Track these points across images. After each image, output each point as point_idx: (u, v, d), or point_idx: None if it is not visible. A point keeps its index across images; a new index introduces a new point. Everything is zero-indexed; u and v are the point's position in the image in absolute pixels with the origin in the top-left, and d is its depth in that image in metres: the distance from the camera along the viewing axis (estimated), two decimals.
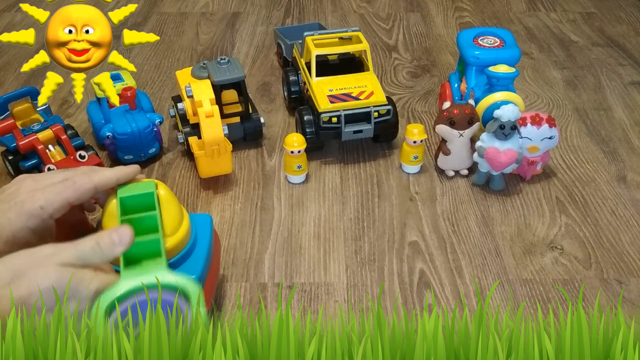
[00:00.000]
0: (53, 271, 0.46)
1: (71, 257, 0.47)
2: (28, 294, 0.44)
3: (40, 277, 0.45)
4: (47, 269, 0.46)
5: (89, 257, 0.47)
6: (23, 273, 0.45)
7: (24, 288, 0.44)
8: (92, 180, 0.52)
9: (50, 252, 0.47)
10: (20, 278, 0.45)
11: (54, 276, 0.45)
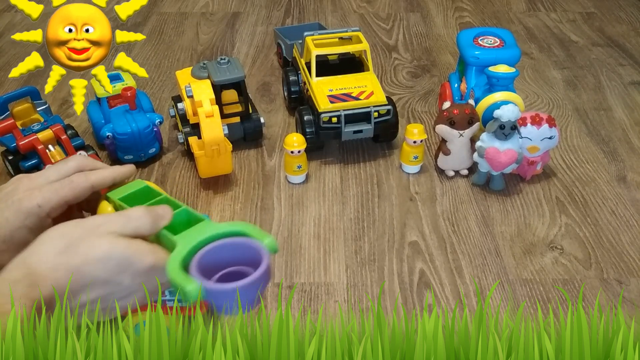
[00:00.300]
0: (107, 241, 0.45)
1: (122, 226, 0.47)
2: (82, 263, 0.44)
3: (94, 246, 0.45)
4: (100, 239, 0.45)
5: (139, 227, 0.47)
6: (76, 242, 0.45)
7: (78, 257, 0.44)
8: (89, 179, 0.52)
9: (101, 221, 0.47)
10: (74, 247, 0.45)
11: (107, 246, 0.45)
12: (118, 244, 0.45)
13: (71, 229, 0.46)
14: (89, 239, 0.45)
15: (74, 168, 0.53)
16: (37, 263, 0.44)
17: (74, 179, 0.52)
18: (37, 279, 0.43)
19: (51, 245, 0.45)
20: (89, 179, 0.52)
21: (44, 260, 0.44)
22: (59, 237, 0.45)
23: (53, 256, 0.44)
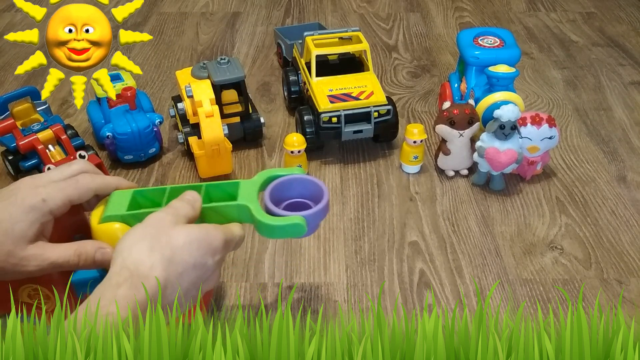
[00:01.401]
0: (181, 229, 0.48)
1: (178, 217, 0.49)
2: (171, 253, 0.46)
3: (174, 236, 0.47)
4: (174, 229, 0.48)
5: (187, 214, 0.50)
6: (157, 238, 0.47)
7: (166, 250, 0.46)
8: (95, 181, 0.53)
9: (161, 217, 0.49)
10: (157, 242, 0.47)
11: (184, 232, 0.48)
12: (191, 229, 0.48)
13: (144, 230, 0.48)
14: (165, 232, 0.47)
15: (77, 171, 0.54)
16: (136, 264, 0.45)
17: (79, 179, 0.52)
18: (139, 279, 0.44)
19: (140, 247, 0.47)
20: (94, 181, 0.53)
21: (141, 260, 0.46)
22: (141, 239, 0.47)
23: (147, 255, 0.46)
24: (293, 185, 0.55)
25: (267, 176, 0.55)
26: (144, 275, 0.45)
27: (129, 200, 0.53)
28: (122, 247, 0.47)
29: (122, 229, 0.51)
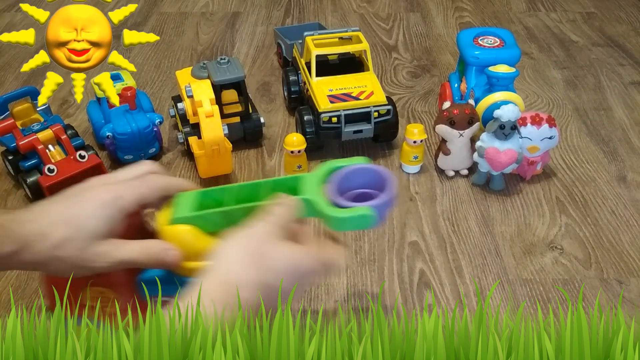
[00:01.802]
0: (281, 251, 0.47)
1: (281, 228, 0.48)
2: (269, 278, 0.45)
3: (273, 258, 0.47)
4: (274, 249, 0.47)
5: (288, 220, 0.50)
6: (257, 255, 0.46)
7: (262, 272, 0.46)
8: (163, 180, 0.53)
9: (266, 229, 0.48)
10: (257, 260, 0.46)
11: (282, 255, 0.47)
12: (292, 253, 0.47)
13: (246, 244, 0.47)
14: (265, 253, 0.47)
15: (145, 171, 0.53)
16: (233, 281, 0.45)
17: (149, 178, 0.52)
18: (235, 298, 0.43)
19: (239, 262, 0.46)
20: (163, 181, 0.53)
21: (237, 278, 0.45)
22: (241, 254, 0.46)
23: (245, 274, 0.45)
24: (357, 176, 0.54)
25: (329, 168, 0.54)
26: (240, 297, 0.44)
27: (195, 202, 0.52)
28: (222, 259, 0.46)
29: (189, 230, 0.51)
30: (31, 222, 0.47)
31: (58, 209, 0.49)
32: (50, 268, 0.48)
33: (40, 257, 0.47)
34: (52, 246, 0.47)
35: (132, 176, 0.53)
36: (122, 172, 0.53)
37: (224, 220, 0.51)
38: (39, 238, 0.47)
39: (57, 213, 0.48)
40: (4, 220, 0.47)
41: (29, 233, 0.47)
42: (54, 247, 0.47)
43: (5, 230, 0.46)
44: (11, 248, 0.46)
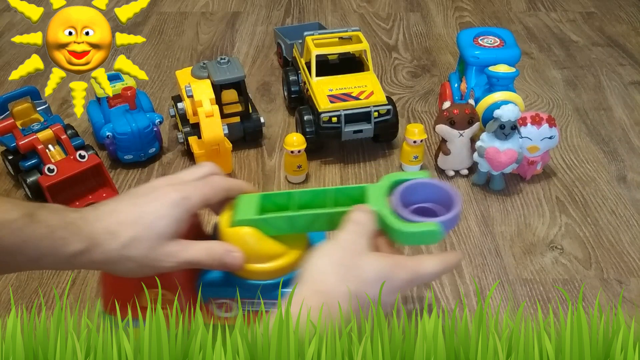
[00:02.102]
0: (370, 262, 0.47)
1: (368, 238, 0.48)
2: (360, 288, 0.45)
3: (364, 269, 0.46)
4: (364, 260, 0.47)
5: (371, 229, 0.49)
6: (349, 265, 0.46)
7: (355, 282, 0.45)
8: (227, 182, 0.53)
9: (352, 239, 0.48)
10: (349, 271, 0.46)
11: (373, 266, 0.46)
12: (380, 263, 0.47)
13: (338, 253, 0.47)
14: (356, 262, 0.46)
15: (208, 172, 0.53)
16: (328, 291, 0.45)
17: (214, 179, 0.52)
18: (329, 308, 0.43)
19: (333, 273, 0.46)
20: (226, 182, 0.53)
21: (332, 288, 0.45)
22: (335, 263, 0.46)
23: (338, 285, 0.45)
24: (420, 190, 0.53)
25: (393, 180, 0.53)
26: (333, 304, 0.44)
27: (257, 204, 0.52)
28: (316, 267, 0.46)
29: (252, 233, 0.51)
30: (100, 220, 0.47)
31: (127, 208, 0.48)
32: (118, 267, 0.48)
33: (108, 257, 0.47)
34: (122, 245, 0.47)
35: (195, 177, 0.52)
36: (186, 173, 0.53)
37: (287, 225, 0.51)
38: (108, 237, 0.47)
39: (126, 212, 0.48)
40: (74, 218, 0.47)
41: (98, 232, 0.46)
42: (124, 247, 0.47)
43: (76, 228, 0.46)
44: (81, 246, 0.46)
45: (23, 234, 0.44)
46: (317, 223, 0.51)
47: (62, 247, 0.45)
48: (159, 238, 0.47)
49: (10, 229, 0.44)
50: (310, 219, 0.51)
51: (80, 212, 0.48)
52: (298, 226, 0.51)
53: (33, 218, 0.45)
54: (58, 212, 0.47)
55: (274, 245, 0.51)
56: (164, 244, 0.48)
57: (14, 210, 0.45)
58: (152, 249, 0.47)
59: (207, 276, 0.53)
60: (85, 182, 0.86)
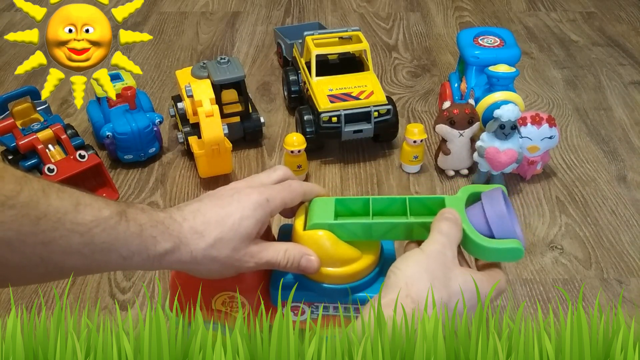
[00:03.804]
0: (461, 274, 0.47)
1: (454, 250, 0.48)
2: (447, 298, 0.46)
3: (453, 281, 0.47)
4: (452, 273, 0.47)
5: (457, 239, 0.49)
6: (439, 277, 0.46)
7: (445, 293, 0.46)
8: (302, 186, 0.53)
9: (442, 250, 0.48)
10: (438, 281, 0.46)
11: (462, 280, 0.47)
12: (467, 276, 0.47)
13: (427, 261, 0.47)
14: (446, 272, 0.47)
15: (283, 176, 0.54)
16: (419, 298, 0.45)
17: (292, 183, 0.53)
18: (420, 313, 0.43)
19: (423, 281, 0.46)
20: (302, 186, 0.53)
21: (423, 296, 0.45)
22: (425, 272, 0.47)
23: (427, 293, 0.45)
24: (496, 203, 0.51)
25: (471, 192, 0.53)
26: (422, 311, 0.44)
27: (331, 209, 0.52)
28: (407, 275, 0.47)
29: (327, 237, 0.50)
30: (187, 220, 0.47)
31: (211, 208, 0.48)
32: (201, 268, 0.48)
33: (194, 256, 0.47)
34: (207, 245, 0.47)
35: (273, 180, 0.53)
36: (263, 176, 0.53)
37: (363, 232, 0.51)
38: (195, 237, 0.47)
39: (210, 213, 0.48)
40: (162, 217, 0.47)
41: (185, 231, 0.47)
42: (209, 247, 0.47)
43: (164, 228, 0.46)
44: (169, 245, 0.46)
45: (116, 231, 0.44)
46: (393, 232, 0.51)
47: (152, 246, 0.45)
48: (243, 239, 0.48)
49: (104, 227, 0.44)
50: (387, 227, 0.51)
51: (167, 211, 0.48)
52: (374, 233, 0.51)
53: (124, 216, 0.45)
54: (146, 212, 0.47)
55: (349, 250, 0.51)
56: (247, 244, 0.48)
57: (107, 208, 0.44)
58: (235, 250, 0.48)
59: (279, 279, 0.53)
60: (85, 182, 0.86)
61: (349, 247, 0.51)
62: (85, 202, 0.44)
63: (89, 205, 0.44)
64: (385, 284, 0.47)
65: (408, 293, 0.45)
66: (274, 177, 0.53)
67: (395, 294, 0.45)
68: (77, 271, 0.46)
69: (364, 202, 0.53)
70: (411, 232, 0.51)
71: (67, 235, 0.43)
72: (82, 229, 0.43)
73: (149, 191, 0.89)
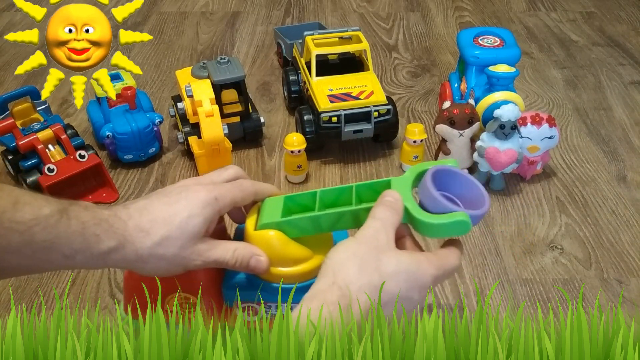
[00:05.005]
0: (392, 256, 0.46)
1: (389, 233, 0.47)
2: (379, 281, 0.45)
3: (384, 263, 0.45)
4: (385, 254, 0.46)
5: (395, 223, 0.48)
6: (368, 260, 0.45)
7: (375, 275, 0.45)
8: (254, 185, 0.53)
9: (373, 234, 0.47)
10: (367, 265, 0.45)
11: (395, 260, 0.46)
12: (402, 257, 0.46)
13: (357, 247, 0.46)
14: (376, 255, 0.46)
15: (234, 175, 0.53)
16: (347, 285, 0.44)
17: (243, 182, 0.52)
18: (349, 301, 0.43)
19: (352, 266, 0.45)
20: (254, 186, 0.53)
21: (351, 281, 0.44)
22: (353, 256, 0.46)
23: (356, 277, 0.44)
24: (447, 178, 0.51)
25: (418, 171, 0.51)
26: (352, 299, 0.43)
27: (282, 207, 0.52)
28: (335, 262, 0.46)
29: (277, 236, 0.50)
30: (132, 218, 0.47)
31: (158, 206, 0.48)
32: (148, 266, 0.48)
33: (140, 255, 0.47)
34: (154, 243, 0.47)
35: (224, 179, 0.53)
36: (214, 175, 0.53)
37: (311, 226, 0.51)
38: (140, 235, 0.46)
39: (157, 210, 0.48)
40: (106, 215, 0.46)
41: (130, 229, 0.46)
42: (156, 245, 0.47)
43: (108, 226, 0.46)
44: (113, 244, 0.46)
45: (56, 230, 0.44)
46: (341, 221, 0.50)
47: (95, 244, 0.45)
48: (190, 237, 0.48)
49: (44, 225, 0.43)
50: (334, 217, 0.50)
51: (112, 209, 0.48)
52: (323, 226, 0.51)
53: (66, 214, 0.45)
54: (90, 209, 0.47)
55: (299, 249, 0.51)
56: (194, 243, 0.48)
57: (47, 207, 0.44)
58: (183, 248, 0.48)
59: (232, 279, 0.53)
60: (85, 182, 0.86)
61: (299, 247, 0.51)
62: (25, 201, 0.44)
63: (29, 203, 0.44)
64: (320, 276, 0.46)
65: (335, 280, 0.44)
66: (225, 176, 0.53)
67: (322, 283, 0.44)
68: (19, 270, 0.46)
69: (313, 196, 0.52)
70: (359, 219, 0.50)
71: (6, 234, 0.42)
72: (21, 227, 0.43)
73: (149, 191, 0.89)
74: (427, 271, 0.46)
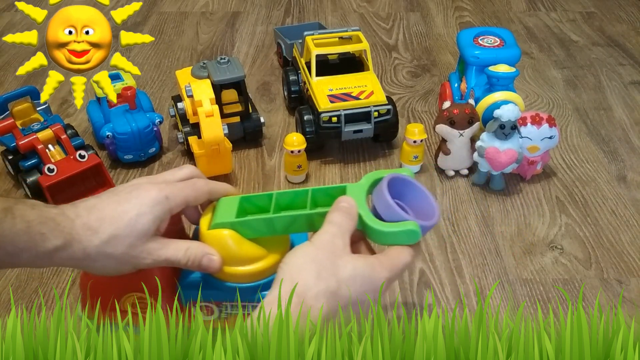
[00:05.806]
0: (348, 260, 0.46)
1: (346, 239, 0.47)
2: (336, 286, 0.45)
3: (340, 267, 0.46)
4: (342, 259, 0.46)
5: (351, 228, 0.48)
6: (325, 265, 0.46)
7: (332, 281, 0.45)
8: (208, 185, 0.53)
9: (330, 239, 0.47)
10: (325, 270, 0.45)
11: (351, 265, 0.46)
12: (358, 262, 0.47)
13: (315, 252, 0.47)
14: (333, 261, 0.46)
15: (189, 175, 0.53)
16: (304, 292, 0.44)
17: (196, 182, 0.52)
18: (306, 308, 0.43)
19: (309, 272, 0.45)
20: (208, 185, 0.53)
21: (308, 286, 0.44)
22: (311, 262, 0.46)
23: (313, 283, 0.45)
24: (399, 186, 0.51)
25: (374, 179, 0.52)
26: (309, 304, 0.44)
27: (237, 207, 0.52)
28: (292, 267, 0.46)
29: (230, 236, 0.51)
30: (80, 217, 0.47)
31: (107, 205, 0.48)
32: (96, 265, 0.48)
33: (87, 253, 0.47)
34: (101, 242, 0.47)
35: (177, 178, 0.53)
36: (168, 174, 0.53)
37: (265, 228, 0.51)
38: (87, 233, 0.46)
39: (106, 209, 0.48)
40: (53, 213, 0.46)
41: (77, 228, 0.46)
42: (103, 243, 0.47)
43: (54, 224, 0.46)
44: (59, 242, 0.46)
45: (0, 228, 0.44)
46: (295, 224, 0.51)
47: (41, 243, 0.45)
48: (139, 236, 0.47)
49: None
50: (288, 220, 0.51)
51: (60, 208, 0.48)
52: (276, 228, 0.51)
53: (10, 213, 0.45)
54: (37, 208, 0.46)
55: (253, 248, 0.51)
56: (144, 241, 0.48)
57: None
58: (132, 247, 0.47)
59: (187, 278, 0.53)
60: (85, 182, 0.86)
61: (253, 246, 0.51)
62: None
63: None
64: (274, 280, 0.46)
65: (292, 286, 0.44)
66: (179, 175, 0.53)
67: (280, 289, 0.44)
68: None
69: (269, 197, 0.53)
70: (313, 223, 0.50)
71: None
72: None
73: None
74: (380, 274, 0.47)
